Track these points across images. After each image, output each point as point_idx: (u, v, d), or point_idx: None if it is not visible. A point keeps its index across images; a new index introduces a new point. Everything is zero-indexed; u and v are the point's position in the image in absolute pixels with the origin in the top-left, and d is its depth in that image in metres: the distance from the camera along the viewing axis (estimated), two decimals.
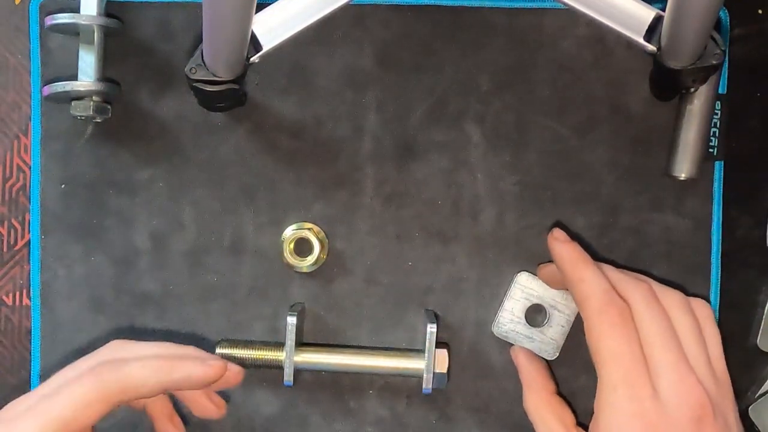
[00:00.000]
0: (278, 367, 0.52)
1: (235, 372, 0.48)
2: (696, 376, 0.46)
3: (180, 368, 0.45)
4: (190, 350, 0.47)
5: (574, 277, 0.48)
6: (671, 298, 0.49)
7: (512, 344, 0.54)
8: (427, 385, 0.51)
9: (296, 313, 0.51)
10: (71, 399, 0.42)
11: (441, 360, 0.51)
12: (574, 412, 0.51)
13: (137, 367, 0.44)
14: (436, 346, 0.51)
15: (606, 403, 0.45)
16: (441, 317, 0.54)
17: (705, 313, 0.49)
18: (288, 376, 0.50)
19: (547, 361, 0.53)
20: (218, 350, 0.52)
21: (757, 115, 0.55)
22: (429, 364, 0.51)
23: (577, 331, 0.49)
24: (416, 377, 0.52)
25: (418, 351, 0.53)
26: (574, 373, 0.53)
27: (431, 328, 0.51)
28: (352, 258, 0.54)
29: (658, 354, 0.46)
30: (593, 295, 0.47)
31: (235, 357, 0.52)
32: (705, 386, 0.46)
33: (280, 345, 0.52)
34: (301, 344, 0.53)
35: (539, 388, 0.51)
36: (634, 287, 0.48)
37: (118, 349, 0.46)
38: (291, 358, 0.50)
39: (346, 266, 0.54)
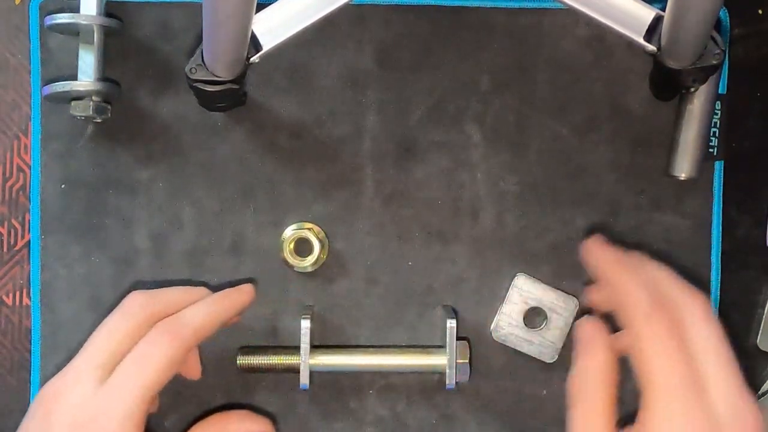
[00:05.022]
0: (296, 370, 0.52)
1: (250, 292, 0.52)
2: (749, 395, 0.43)
3: (230, 304, 0.50)
4: (204, 289, 0.51)
5: (619, 282, 0.46)
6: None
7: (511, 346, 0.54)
8: (450, 380, 0.51)
9: (309, 316, 0.51)
10: (159, 363, 0.45)
11: (462, 351, 0.51)
12: None
13: (197, 315, 0.48)
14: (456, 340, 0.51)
15: (659, 414, 0.43)
16: (442, 316, 0.54)
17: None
18: (304, 379, 0.50)
19: (546, 363, 0.53)
20: (240, 360, 0.52)
21: (757, 115, 0.55)
22: (451, 359, 0.50)
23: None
24: (437, 373, 0.52)
25: (438, 347, 0.52)
26: None
27: (451, 323, 0.50)
28: (352, 258, 0.54)
29: (712, 369, 0.43)
30: (642, 300, 0.44)
31: (257, 364, 0.52)
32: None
33: (295, 348, 0.52)
34: (315, 346, 0.52)
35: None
36: (688, 301, 0.45)
37: (148, 302, 0.48)
38: (306, 361, 0.50)
39: (346, 266, 0.54)
